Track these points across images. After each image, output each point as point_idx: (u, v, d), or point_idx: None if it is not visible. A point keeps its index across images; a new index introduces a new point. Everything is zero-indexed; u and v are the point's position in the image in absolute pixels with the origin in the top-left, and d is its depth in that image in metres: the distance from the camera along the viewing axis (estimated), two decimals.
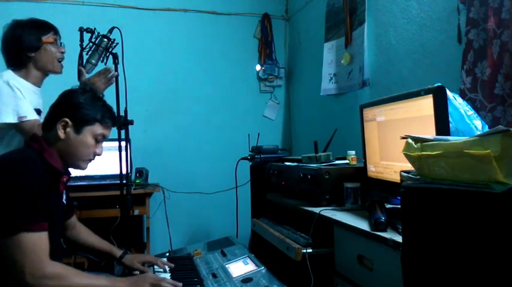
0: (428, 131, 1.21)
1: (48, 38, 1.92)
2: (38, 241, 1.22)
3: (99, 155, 1.47)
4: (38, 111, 1.89)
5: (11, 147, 1.83)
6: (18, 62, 1.89)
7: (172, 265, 1.77)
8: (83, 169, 1.47)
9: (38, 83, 1.95)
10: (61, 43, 2.00)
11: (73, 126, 1.39)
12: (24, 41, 1.87)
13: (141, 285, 1.39)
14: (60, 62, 1.97)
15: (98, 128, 1.43)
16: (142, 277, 1.48)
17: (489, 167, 0.70)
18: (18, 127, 1.80)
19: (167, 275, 1.69)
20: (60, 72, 1.99)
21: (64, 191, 1.53)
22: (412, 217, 0.90)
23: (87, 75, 2.00)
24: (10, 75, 1.86)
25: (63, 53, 1.98)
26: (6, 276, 1.21)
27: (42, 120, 1.75)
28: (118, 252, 1.72)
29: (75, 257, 2.22)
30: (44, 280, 1.21)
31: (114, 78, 2.02)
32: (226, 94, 3.62)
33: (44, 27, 1.94)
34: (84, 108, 1.40)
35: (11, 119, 1.77)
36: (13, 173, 1.26)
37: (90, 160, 1.47)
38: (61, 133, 1.38)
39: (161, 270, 1.75)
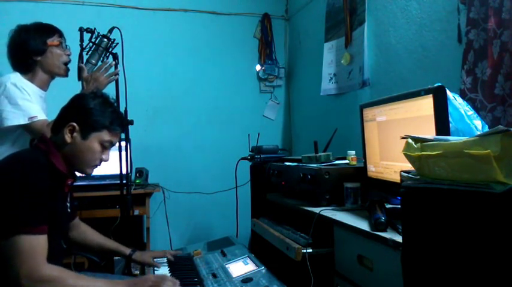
0: (428, 131, 1.21)
1: (53, 41, 1.93)
2: (36, 244, 1.21)
3: (105, 161, 1.46)
4: None
5: (16, 147, 1.83)
6: (25, 66, 1.90)
7: (181, 252, 1.83)
8: (88, 174, 1.46)
9: (44, 87, 1.96)
10: (66, 46, 2.00)
11: (80, 132, 1.38)
12: (29, 45, 1.88)
13: (140, 285, 1.39)
14: (66, 65, 1.98)
15: (105, 135, 1.41)
16: (142, 278, 1.48)
17: (489, 167, 0.70)
18: (29, 127, 1.80)
19: (167, 274, 1.69)
20: (66, 76, 1.99)
21: (69, 194, 1.52)
22: (412, 217, 0.90)
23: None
24: (17, 77, 1.87)
25: (68, 55, 1.99)
26: (4, 277, 1.20)
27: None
28: (126, 250, 1.73)
29: (75, 257, 2.22)
30: (40, 283, 1.19)
31: (117, 76, 2.03)
32: (226, 94, 3.62)
33: (48, 30, 1.94)
34: (93, 114, 1.39)
35: (22, 120, 1.78)
36: (17, 173, 1.25)
37: (95, 166, 1.45)
38: (68, 137, 1.37)
39: (161, 264, 1.77)
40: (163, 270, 1.76)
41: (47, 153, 1.35)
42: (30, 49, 1.88)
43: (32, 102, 1.81)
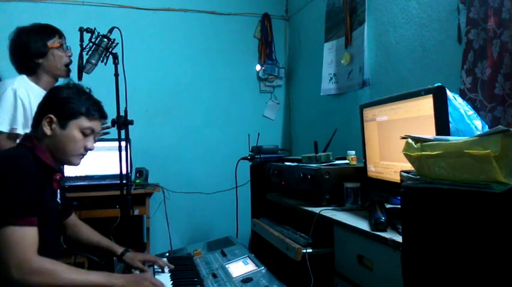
0: (428, 131, 1.21)
1: (53, 43, 1.93)
2: (24, 235, 1.20)
3: (90, 149, 1.44)
4: None
5: None
6: (28, 69, 1.91)
7: (173, 266, 1.76)
8: (76, 164, 1.45)
9: (48, 89, 1.96)
10: (67, 47, 2.00)
11: (58, 122, 1.38)
12: (31, 47, 1.88)
13: (138, 283, 1.38)
14: (67, 66, 1.98)
15: (83, 122, 1.40)
16: (141, 276, 1.47)
17: (489, 167, 0.70)
18: (1, 139, 1.80)
19: (167, 275, 1.69)
20: (68, 76, 2.00)
21: (58, 191, 1.52)
22: (412, 217, 0.90)
23: (86, 74, 2.00)
24: (22, 81, 1.87)
25: (69, 56, 1.99)
26: None
27: None
28: (119, 249, 1.71)
29: (75, 257, 2.22)
30: (30, 275, 1.17)
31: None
32: (226, 94, 3.62)
33: (49, 31, 1.94)
34: (68, 103, 1.39)
35: (4, 127, 1.79)
36: (4, 168, 1.25)
37: (81, 155, 1.44)
38: (47, 129, 1.37)
39: (160, 269, 1.75)
40: (164, 271, 1.76)
41: (33, 149, 1.35)
42: (32, 52, 1.88)
43: (20, 115, 1.81)
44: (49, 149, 1.39)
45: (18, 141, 1.78)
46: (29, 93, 1.85)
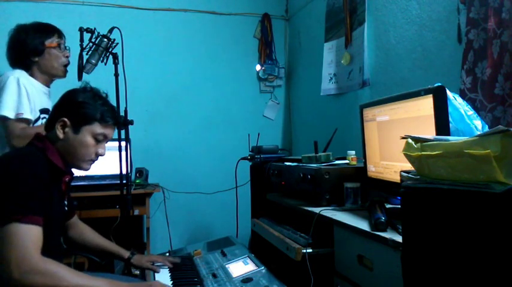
0: (428, 131, 1.21)
1: (51, 42, 1.93)
2: (28, 234, 1.17)
3: (101, 155, 1.44)
4: (47, 111, 1.90)
5: (6, 148, 1.83)
6: (23, 66, 1.90)
7: (178, 261, 1.79)
8: (85, 169, 1.45)
9: (46, 84, 1.97)
10: (65, 47, 2.00)
11: (71, 126, 1.38)
12: (28, 45, 1.88)
13: None
14: (65, 66, 1.98)
15: (97, 128, 1.40)
16: (148, 284, 1.46)
17: (489, 167, 0.70)
18: (8, 124, 1.80)
19: (167, 275, 1.69)
20: (64, 77, 2.00)
21: (66, 193, 1.52)
22: (412, 217, 0.90)
23: (86, 74, 2.00)
24: (23, 73, 1.88)
25: (67, 57, 1.99)
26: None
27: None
28: (126, 253, 1.72)
29: (75, 257, 2.22)
30: (31, 275, 1.13)
31: None
32: (226, 94, 3.62)
33: (47, 31, 1.94)
34: (83, 108, 1.39)
35: (10, 113, 1.79)
36: (14, 167, 1.25)
37: (92, 161, 1.44)
38: (60, 133, 1.37)
39: (161, 268, 1.76)
40: (164, 270, 1.76)
41: (43, 150, 1.35)
42: (29, 49, 1.88)
43: (26, 101, 1.81)
44: (60, 151, 1.39)
45: (30, 125, 1.81)
46: (29, 84, 1.86)
